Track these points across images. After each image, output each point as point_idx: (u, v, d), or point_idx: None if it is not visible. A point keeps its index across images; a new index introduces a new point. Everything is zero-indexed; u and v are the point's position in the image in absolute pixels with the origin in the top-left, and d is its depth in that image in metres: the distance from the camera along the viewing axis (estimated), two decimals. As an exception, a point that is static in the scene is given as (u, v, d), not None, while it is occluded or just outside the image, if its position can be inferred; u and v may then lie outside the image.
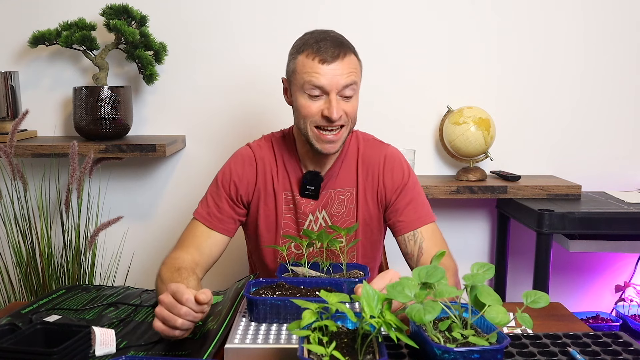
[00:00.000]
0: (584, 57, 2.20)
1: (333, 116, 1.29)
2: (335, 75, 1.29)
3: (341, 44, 1.32)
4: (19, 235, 1.95)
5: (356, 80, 1.33)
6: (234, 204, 1.44)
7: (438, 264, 0.94)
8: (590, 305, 2.32)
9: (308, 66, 1.30)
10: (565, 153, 2.24)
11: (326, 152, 1.35)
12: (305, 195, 1.43)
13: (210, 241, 1.40)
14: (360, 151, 1.47)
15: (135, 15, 2.01)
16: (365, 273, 1.28)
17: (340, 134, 1.34)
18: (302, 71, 1.31)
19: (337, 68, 1.29)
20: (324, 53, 1.29)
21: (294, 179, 1.44)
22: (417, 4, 2.16)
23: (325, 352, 0.81)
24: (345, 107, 1.32)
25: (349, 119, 1.34)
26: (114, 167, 2.21)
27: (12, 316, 1.21)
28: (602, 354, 0.95)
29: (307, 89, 1.31)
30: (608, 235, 1.94)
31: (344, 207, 1.45)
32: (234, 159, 1.47)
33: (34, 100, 2.17)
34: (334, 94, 1.30)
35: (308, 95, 1.32)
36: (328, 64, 1.29)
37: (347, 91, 1.31)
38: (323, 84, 1.29)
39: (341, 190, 1.45)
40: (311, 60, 1.30)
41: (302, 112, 1.34)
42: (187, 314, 1.01)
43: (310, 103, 1.32)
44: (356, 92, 1.35)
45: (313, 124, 1.33)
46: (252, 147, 1.48)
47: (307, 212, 1.44)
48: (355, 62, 1.35)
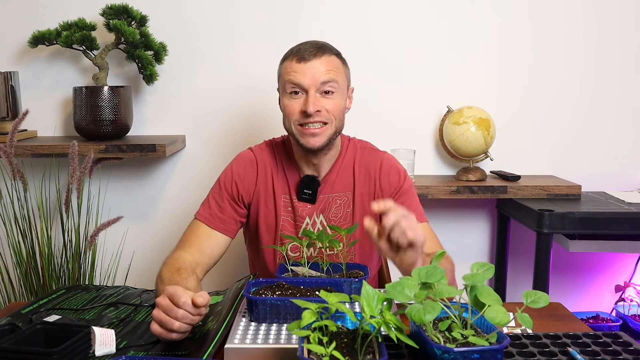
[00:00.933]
0: (584, 57, 2.20)
1: (309, 109, 1.33)
2: (313, 73, 1.34)
3: (322, 46, 1.37)
4: (19, 235, 1.95)
5: (335, 79, 1.36)
6: (235, 204, 1.46)
7: (438, 264, 0.94)
8: (590, 305, 2.32)
9: (288, 67, 1.36)
10: (565, 153, 2.24)
11: (310, 146, 1.37)
12: (303, 199, 1.46)
13: (212, 241, 1.42)
14: (357, 157, 1.50)
15: (135, 15, 2.01)
16: (365, 273, 1.28)
17: (323, 129, 1.37)
18: (283, 73, 1.38)
19: (315, 65, 1.34)
20: (302, 53, 1.35)
21: (292, 183, 1.47)
22: (417, 4, 2.16)
23: (325, 352, 0.81)
24: (326, 103, 1.35)
25: (331, 115, 1.37)
26: (114, 167, 2.21)
27: (12, 316, 1.21)
28: (602, 354, 0.95)
29: (287, 89, 1.37)
30: (608, 235, 1.94)
31: (341, 211, 1.47)
32: (236, 161, 1.50)
33: (34, 100, 2.17)
34: (312, 90, 1.34)
35: (289, 95, 1.37)
36: (305, 61, 1.34)
37: (327, 87, 1.35)
38: (300, 80, 1.34)
39: (338, 195, 1.48)
40: (290, 61, 1.36)
41: (286, 111, 1.39)
42: (184, 317, 1.01)
43: (292, 102, 1.37)
44: (338, 90, 1.37)
45: (296, 122, 1.37)
46: (254, 150, 1.52)
47: (304, 216, 1.47)
48: (337, 62, 1.39)
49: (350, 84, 1.45)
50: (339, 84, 1.37)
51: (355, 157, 1.50)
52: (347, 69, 1.43)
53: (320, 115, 1.35)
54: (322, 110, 1.35)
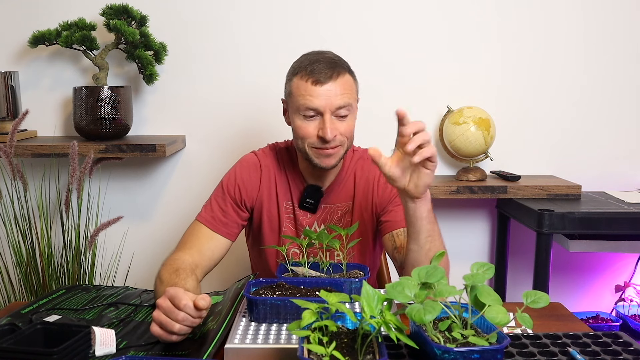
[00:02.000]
0: (584, 57, 2.20)
1: (327, 136, 1.32)
2: (329, 97, 1.32)
3: (335, 64, 1.34)
4: (19, 235, 1.95)
5: (350, 102, 1.35)
6: (238, 208, 1.46)
7: (438, 264, 0.94)
8: (590, 305, 2.32)
9: (302, 88, 1.33)
10: (565, 153, 2.24)
11: (324, 165, 1.38)
12: (304, 208, 1.47)
13: (212, 243, 1.42)
14: (358, 167, 1.51)
15: (135, 15, 2.01)
16: (365, 273, 1.28)
17: (337, 150, 1.37)
18: (297, 93, 1.34)
19: (331, 89, 1.32)
20: (317, 74, 1.31)
21: (295, 191, 1.48)
22: (417, 4, 2.16)
23: (325, 352, 0.81)
24: (340, 126, 1.35)
25: (345, 137, 1.37)
26: (114, 167, 2.21)
27: (12, 316, 1.21)
28: (602, 354, 0.95)
29: (302, 111, 1.34)
30: (608, 235, 1.94)
31: (342, 220, 1.49)
32: (239, 165, 1.50)
33: (34, 100, 2.17)
34: (329, 114, 1.33)
35: (303, 117, 1.35)
36: (321, 85, 1.31)
37: (342, 111, 1.34)
38: (317, 105, 1.32)
39: (339, 206, 1.49)
40: (305, 82, 1.32)
41: (299, 133, 1.37)
42: (185, 320, 1.01)
43: (306, 124, 1.35)
44: (351, 112, 1.37)
45: (310, 145, 1.36)
46: (258, 154, 1.51)
47: (304, 225, 1.47)
48: (350, 82, 1.37)
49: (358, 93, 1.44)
50: (353, 106, 1.37)
51: (357, 167, 1.51)
52: (357, 84, 1.41)
53: (335, 140, 1.35)
54: (337, 134, 1.35)
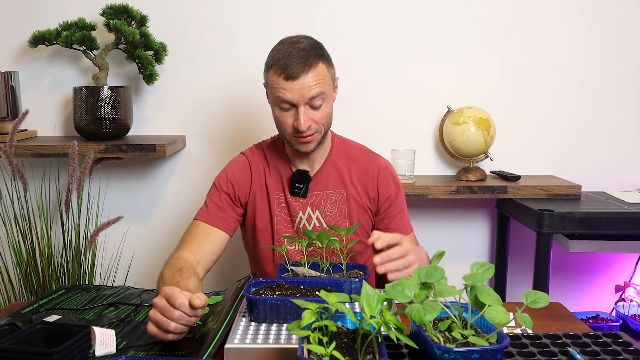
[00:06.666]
0: (584, 57, 2.20)
1: (301, 127, 1.38)
2: (302, 89, 1.36)
3: (308, 56, 1.37)
4: (19, 235, 1.95)
5: (324, 90, 1.39)
6: (233, 204, 1.51)
7: (437, 263, 0.94)
8: (590, 305, 2.32)
9: (276, 82, 1.38)
10: (565, 153, 2.24)
11: (304, 150, 1.45)
12: (294, 194, 1.51)
13: (212, 237, 1.45)
14: (352, 157, 1.55)
15: (135, 15, 2.01)
16: (365, 273, 1.28)
17: (314, 136, 1.43)
18: (272, 86, 1.40)
19: (304, 82, 1.36)
20: (289, 70, 1.35)
21: (285, 179, 1.53)
22: (417, 4, 2.16)
23: (325, 352, 0.81)
24: (315, 115, 1.40)
25: (321, 125, 1.42)
26: (114, 167, 2.21)
27: (12, 316, 1.21)
28: (602, 354, 0.95)
29: (277, 103, 1.40)
30: (608, 235, 1.94)
31: (337, 207, 1.52)
32: (229, 166, 1.57)
33: (34, 100, 2.17)
34: (302, 106, 1.38)
35: (280, 108, 1.41)
36: (293, 80, 1.35)
37: (316, 101, 1.38)
38: (290, 99, 1.37)
39: (332, 192, 1.52)
40: (278, 76, 1.37)
41: (277, 122, 1.44)
42: (181, 318, 1.02)
43: (283, 115, 1.41)
44: (326, 99, 1.41)
45: (289, 134, 1.43)
46: (245, 153, 1.58)
47: (298, 210, 1.51)
48: (323, 70, 1.39)
49: (334, 76, 1.46)
50: (327, 93, 1.40)
51: (350, 157, 1.54)
52: (332, 69, 1.44)
53: (311, 129, 1.40)
54: (312, 123, 1.39)
